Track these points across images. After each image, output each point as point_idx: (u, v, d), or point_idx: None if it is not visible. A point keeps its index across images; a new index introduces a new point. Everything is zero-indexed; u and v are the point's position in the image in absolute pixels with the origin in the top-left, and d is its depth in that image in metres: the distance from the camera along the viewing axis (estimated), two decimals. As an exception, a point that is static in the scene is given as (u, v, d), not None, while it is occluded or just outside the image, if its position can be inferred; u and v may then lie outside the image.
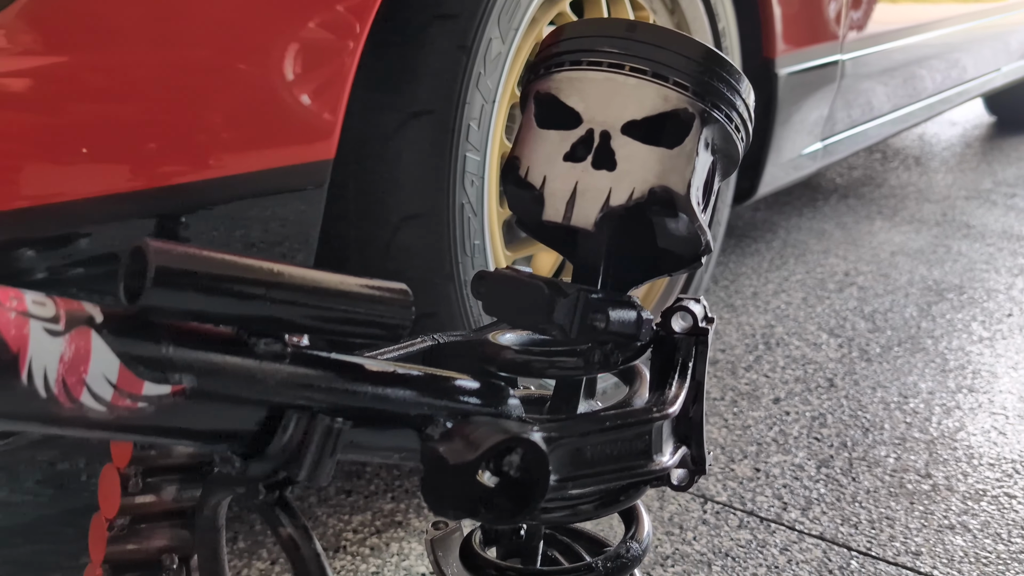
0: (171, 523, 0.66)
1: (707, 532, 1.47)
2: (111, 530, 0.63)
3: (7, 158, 1.01)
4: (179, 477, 0.65)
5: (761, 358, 2.18)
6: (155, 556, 0.66)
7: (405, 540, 1.45)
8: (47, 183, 1.03)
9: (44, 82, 1.01)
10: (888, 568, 1.37)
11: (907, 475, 1.64)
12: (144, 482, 0.63)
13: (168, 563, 0.66)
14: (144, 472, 0.63)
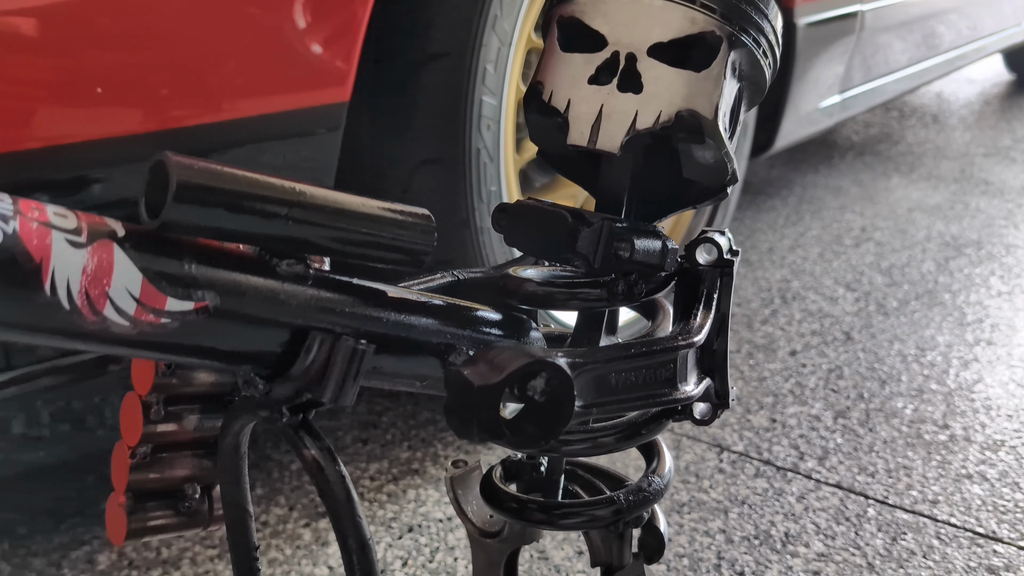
0: (193, 453, 0.66)
1: (723, 480, 1.47)
2: (133, 458, 0.63)
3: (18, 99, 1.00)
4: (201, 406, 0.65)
5: (777, 312, 2.17)
6: (177, 485, 0.66)
7: (422, 487, 1.45)
8: (60, 124, 1.02)
9: (59, 22, 1.00)
10: (905, 516, 1.37)
11: (924, 426, 1.64)
12: (166, 410, 0.63)
13: (190, 492, 0.66)
14: (166, 400, 0.62)
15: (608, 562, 0.74)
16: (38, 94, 1.01)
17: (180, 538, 1.32)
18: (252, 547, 0.65)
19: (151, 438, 0.63)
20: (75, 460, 1.55)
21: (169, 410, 0.63)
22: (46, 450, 1.56)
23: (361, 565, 0.52)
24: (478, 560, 0.89)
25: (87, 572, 1.25)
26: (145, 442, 0.62)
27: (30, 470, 1.50)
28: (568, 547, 1.30)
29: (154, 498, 0.65)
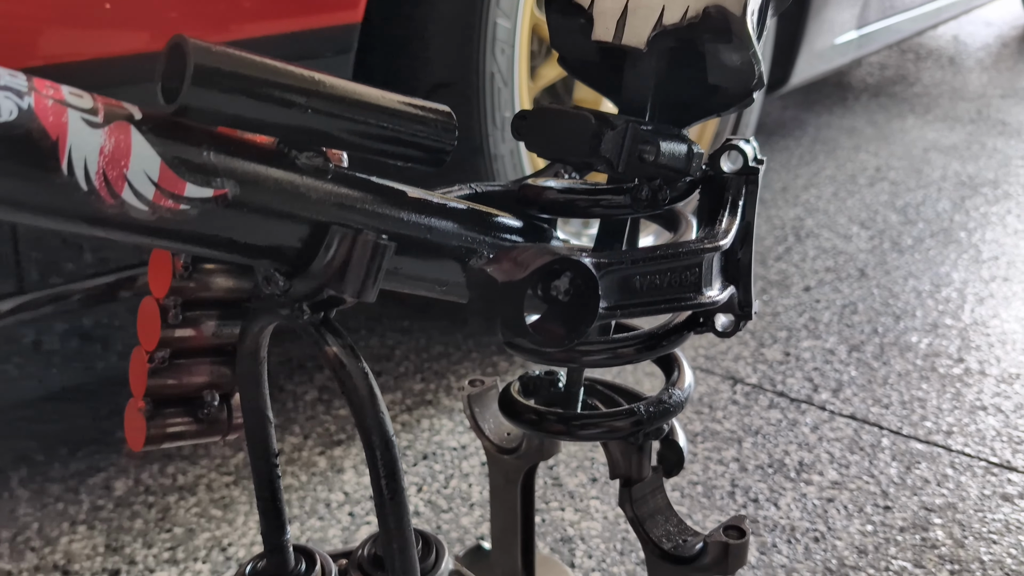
0: (212, 359, 0.65)
1: (737, 411, 1.47)
2: (151, 363, 0.62)
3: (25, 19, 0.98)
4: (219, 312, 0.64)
5: (791, 249, 2.15)
6: (196, 392, 0.65)
7: (435, 417, 1.45)
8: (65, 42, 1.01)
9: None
10: (919, 446, 1.37)
11: (939, 359, 1.63)
12: (184, 315, 0.62)
13: (209, 399, 0.65)
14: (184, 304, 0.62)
15: (627, 475, 0.73)
16: (48, 12, 1.00)
17: (196, 465, 1.33)
18: (272, 453, 0.64)
19: (169, 343, 0.62)
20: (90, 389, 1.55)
21: (187, 315, 0.62)
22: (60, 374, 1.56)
23: (385, 462, 0.52)
24: (495, 478, 0.90)
25: (104, 498, 1.26)
26: (163, 347, 0.62)
27: (45, 397, 1.50)
28: (582, 474, 1.30)
29: (173, 405, 0.64)
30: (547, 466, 1.32)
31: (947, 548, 1.14)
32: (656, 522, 0.74)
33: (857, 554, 1.13)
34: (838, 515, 1.20)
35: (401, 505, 0.53)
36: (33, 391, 1.53)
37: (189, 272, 0.60)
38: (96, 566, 1.13)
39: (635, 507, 0.73)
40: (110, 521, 1.21)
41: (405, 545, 0.53)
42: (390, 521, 0.52)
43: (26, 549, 1.16)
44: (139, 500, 1.25)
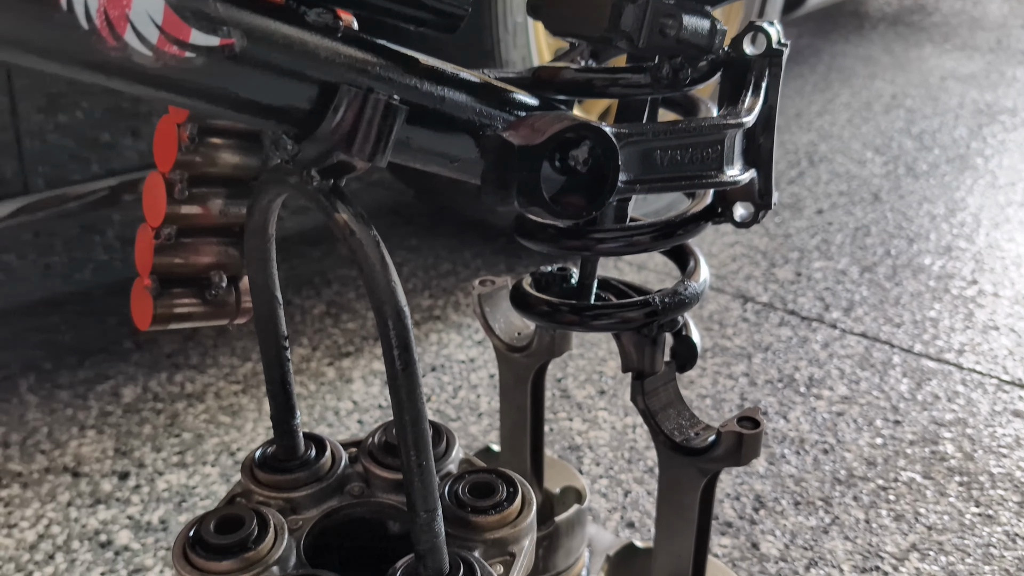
0: (220, 239, 0.64)
1: (747, 329, 1.46)
2: (157, 239, 0.61)
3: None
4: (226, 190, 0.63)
5: (804, 173, 2.12)
6: (203, 272, 0.64)
7: (444, 332, 1.45)
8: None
9: None
10: (930, 363, 1.36)
11: (953, 281, 1.61)
12: (190, 191, 0.60)
13: (217, 280, 0.64)
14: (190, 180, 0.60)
15: (640, 368, 0.72)
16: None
17: (204, 374, 1.32)
18: (281, 335, 0.63)
19: (175, 219, 0.61)
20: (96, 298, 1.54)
21: (193, 191, 0.61)
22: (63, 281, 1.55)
23: (397, 332, 0.51)
24: (505, 377, 0.89)
25: (112, 404, 1.26)
26: (169, 223, 0.60)
27: (52, 306, 1.50)
28: (590, 387, 1.30)
29: (180, 285, 0.63)
30: (555, 378, 1.32)
31: (956, 461, 1.14)
32: (668, 415, 0.73)
33: (866, 465, 1.13)
34: (847, 428, 1.20)
35: (413, 377, 0.51)
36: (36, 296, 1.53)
37: (195, 144, 0.58)
38: (105, 468, 1.13)
39: (647, 400, 0.72)
40: (119, 426, 1.21)
41: (418, 417, 0.52)
42: (402, 393, 0.51)
43: (36, 452, 1.16)
44: (147, 407, 1.26)
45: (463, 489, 0.64)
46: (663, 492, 0.75)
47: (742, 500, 1.07)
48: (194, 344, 1.40)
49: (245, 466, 0.67)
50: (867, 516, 1.04)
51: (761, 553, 0.99)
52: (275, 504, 0.65)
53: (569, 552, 0.92)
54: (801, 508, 1.05)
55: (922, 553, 0.99)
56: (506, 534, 0.62)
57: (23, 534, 1.02)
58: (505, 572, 0.60)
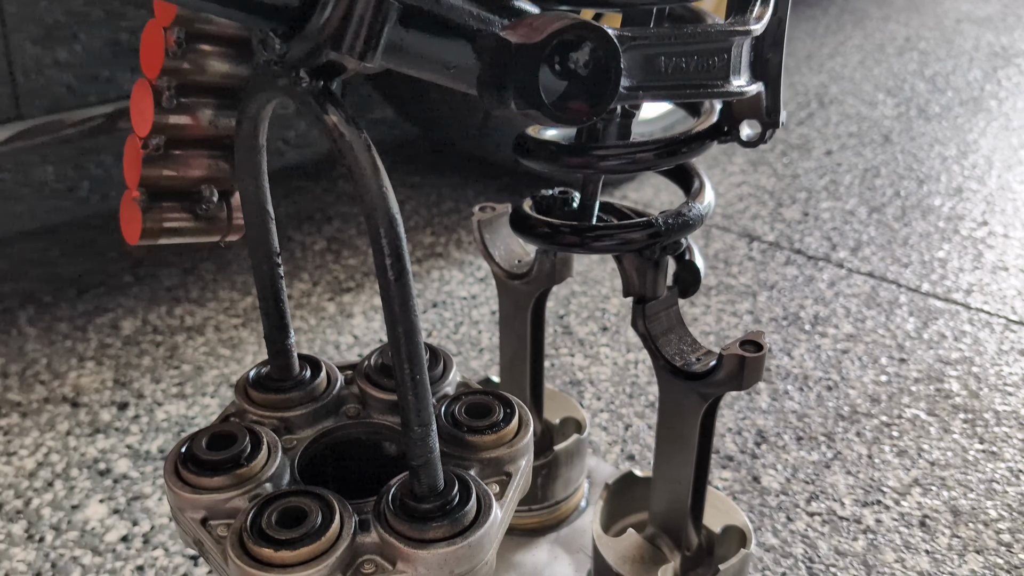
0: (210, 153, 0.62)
1: (753, 267, 1.44)
2: (145, 149, 0.59)
3: None
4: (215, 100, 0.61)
5: (814, 115, 2.08)
6: (194, 185, 0.62)
7: (445, 269, 1.43)
8: None
9: None
10: (937, 303, 1.34)
11: (962, 222, 1.59)
12: (178, 100, 0.58)
13: (208, 195, 0.62)
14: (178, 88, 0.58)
15: (641, 292, 0.71)
16: None
17: (204, 308, 1.31)
18: (273, 251, 0.62)
19: (163, 129, 0.59)
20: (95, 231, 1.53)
21: (181, 101, 0.59)
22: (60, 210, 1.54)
23: (389, 240, 0.49)
24: (505, 306, 0.87)
25: (112, 336, 1.25)
26: (157, 133, 0.59)
27: (51, 240, 1.48)
28: (592, 324, 1.29)
29: (169, 198, 0.61)
30: (557, 315, 1.31)
31: (961, 399, 1.13)
32: (669, 340, 0.72)
33: (870, 402, 1.12)
34: (852, 366, 1.19)
35: (406, 287, 0.50)
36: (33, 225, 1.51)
37: (183, 50, 0.56)
38: (104, 399, 1.13)
39: (648, 324, 0.70)
40: (118, 358, 1.21)
41: (411, 330, 0.51)
42: (395, 304, 0.50)
43: (35, 382, 1.16)
44: (147, 339, 1.25)
45: (459, 410, 0.63)
46: (663, 419, 0.74)
47: (744, 435, 1.06)
48: (194, 278, 1.39)
49: (239, 386, 0.66)
50: (870, 451, 1.03)
51: (762, 486, 0.98)
52: (269, 423, 0.64)
53: (568, 482, 0.91)
54: (803, 443, 1.05)
55: (924, 488, 0.98)
56: (502, 454, 0.61)
57: (22, 462, 1.02)
58: (501, 492, 0.59)
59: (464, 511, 0.54)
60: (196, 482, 0.57)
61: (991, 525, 0.93)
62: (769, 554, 0.89)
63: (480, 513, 0.55)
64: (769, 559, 0.88)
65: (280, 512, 0.54)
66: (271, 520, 0.53)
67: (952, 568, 0.87)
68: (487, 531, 0.55)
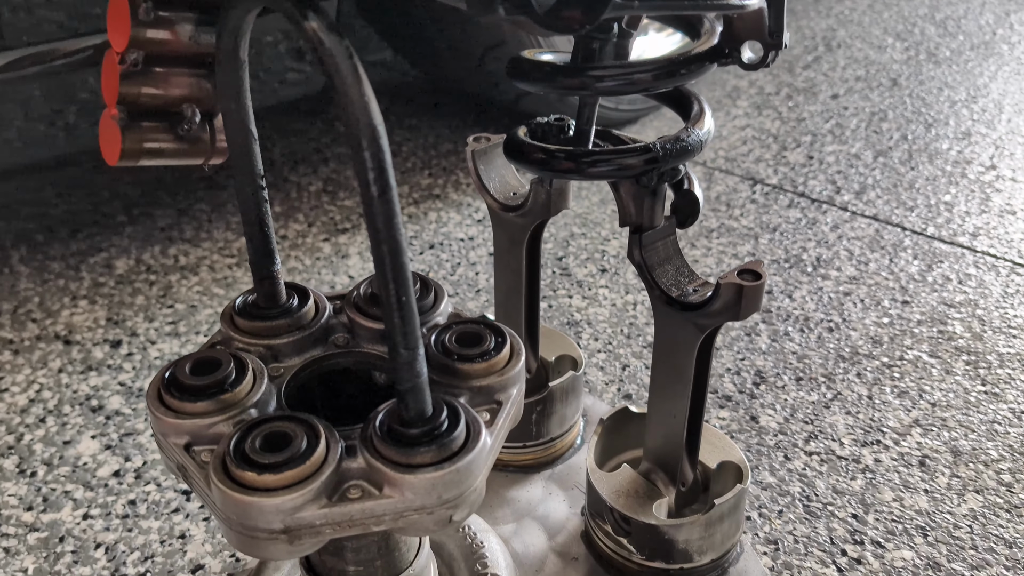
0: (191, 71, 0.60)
1: (755, 210, 1.42)
2: (123, 64, 0.57)
3: None
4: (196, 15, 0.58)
5: (820, 58, 2.04)
6: (174, 104, 0.60)
7: (443, 210, 1.41)
8: None
9: None
10: (942, 246, 1.32)
11: (970, 166, 1.56)
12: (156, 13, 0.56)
13: (190, 115, 0.60)
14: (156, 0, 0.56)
15: (638, 222, 0.69)
16: None
17: (198, 247, 1.30)
18: (257, 173, 0.60)
19: (141, 44, 0.57)
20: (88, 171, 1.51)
21: (160, 14, 0.56)
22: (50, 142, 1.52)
23: (372, 153, 0.47)
24: (500, 240, 0.86)
25: (105, 275, 1.24)
26: (134, 47, 0.56)
27: (43, 180, 1.47)
28: (591, 265, 1.27)
29: (150, 118, 0.59)
30: (556, 257, 1.29)
31: (964, 341, 1.11)
32: (665, 271, 0.70)
33: (871, 344, 1.10)
34: (854, 308, 1.17)
35: (391, 204, 0.48)
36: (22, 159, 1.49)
37: (159, -42, 0.54)
38: (97, 337, 1.12)
39: (644, 254, 0.69)
40: (111, 297, 1.19)
41: (397, 249, 0.49)
42: (379, 221, 0.48)
43: (27, 320, 1.15)
44: (140, 278, 1.23)
45: (450, 338, 0.62)
46: (659, 352, 0.72)
47: (742, 375, 1.05)
48: (188, 218, 1.37)
49: (225, 313, 0.65)
50: (870, 392, 1.02)
51: (760, 426, 0.97)
52: (255, 351, 0.63)
53: (563, 420, 0.90)
54: (803, 384, 1.03)
55: (924, 428, 0.97)
56: (493, 382, 0.60)
57: (14, 398, 1.01)
58: (491, 419, 0.58)
59: (452, 437, 0.53)
60: (179, 407, 0.56)
61: (991, 465, 0.92)
62: (766, 492, 0.88)
63: (469, 439, 0.54)
64: (766, 497, 0.88)
65: (264, 436, 0.53)
66: (255, 444, 0.52)
67: (951, 507, 0.87)
68: (476, 457, 0.53)
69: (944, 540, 0.83)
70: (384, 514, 0.53)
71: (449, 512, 0.54)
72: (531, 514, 0.85)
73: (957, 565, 0.80)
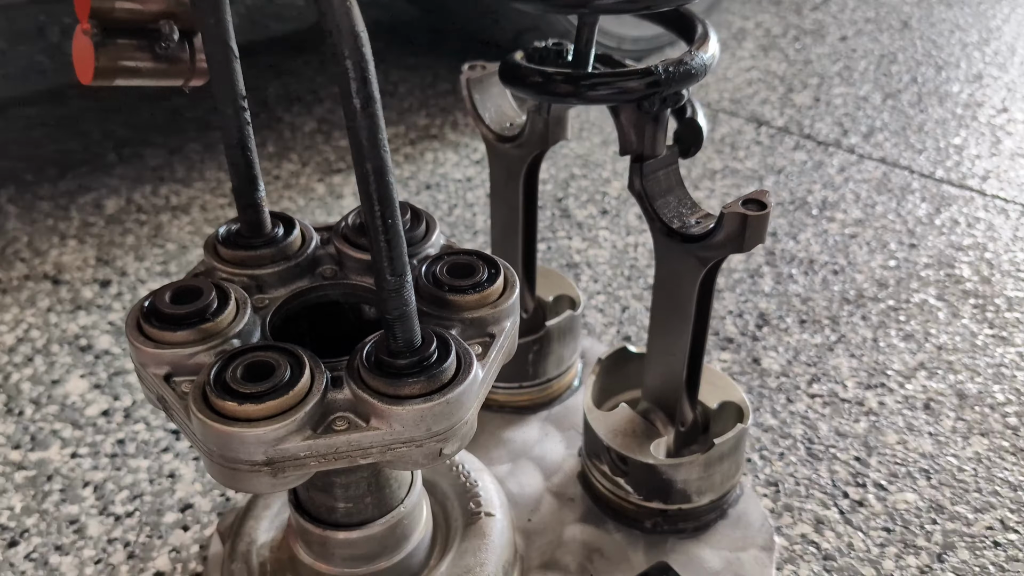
0: (168, -15, 0.57)
1: (760, 152, 1.38)
2: (95, -26, 0.54)
3: None
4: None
5: (829, 0, 1.99)
6: (151, 20, 0.57)
7: (440, 151, 1.38)
8: None
9: None
10: (951, 189, 1.29)
11: (981, 109, 1.52)
12: (129, -80, 0.53)
13: (167, 31, 0.57)
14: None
15: (639, 150, 0.66)
16: None
17: (190, 188, 1.27)
18: (239, 94, 0.57)
19: (115, -45, 0.53)
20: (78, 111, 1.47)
21: (133, -80, 0.53)
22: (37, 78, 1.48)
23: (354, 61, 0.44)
24: (496, 173, 0.83)
25: (94, 215, 1.21)
26: (107, -42, 0.53)
27: (32, 121, 1.43)
28: (592, 207, 1.24)
29: (126, 35, 0.56)
30: (555, 198, 1.26)
31: (972, 284, 1.09)
32: (667, 202, 0.67)
33: (877, 287, 1.08)
34: (860, 251, 1.15)
35: (375, 118, 0.45)
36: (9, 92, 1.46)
37: None
38: (87, 276, 1.09)
39: (645, 183, 0.66)
40: (101, 237, 1.17)
41: (382, 167, 0.46)
42: (362, 136, 0.45)
43: (16, 260, 1.12)
44: (131, 218, 1.21)
45: (441, 269, 0.60)
46: (659, 287, 0.70)
47: (745, 317, 1.02)
48: (180, 158, 1.34)
49: (208, 243, 0.62)
50: (875, 335, 1.00)
51: (762, 368, 0.95)
52: (239, 281, 0.60)
53: (561, 360, 0.88)
54: (806, 326, 1.01)
55: (930, 372, 0.95)
56: (485, 314, 0.57)
57: (2, 338, 1.00)
58: (483, 353, 0.56)
59: (442, 368, 0.51)
60: (158, 337, 0.54)
61: (997, 409, 0.90)
62: (767, 434, 0.86)
63: (460, 371, 0.52)
64: (767, 439, 0.86)
65: (246, 366, 0.51)
66: (236, 374, 0.50)
67: (956, 450, 0.85)
68: (466, 389, 0.51)
69: (948, 483, 0.81)
70: (371, 446, 0.51)
71: (439, 445, 0.52)
72: (527, 455, 0.83)
73: (961, 508, 0.79)
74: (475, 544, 0.67)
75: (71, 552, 0.74)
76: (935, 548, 0.75)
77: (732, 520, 0.76)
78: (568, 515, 0.77)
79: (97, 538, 0.76)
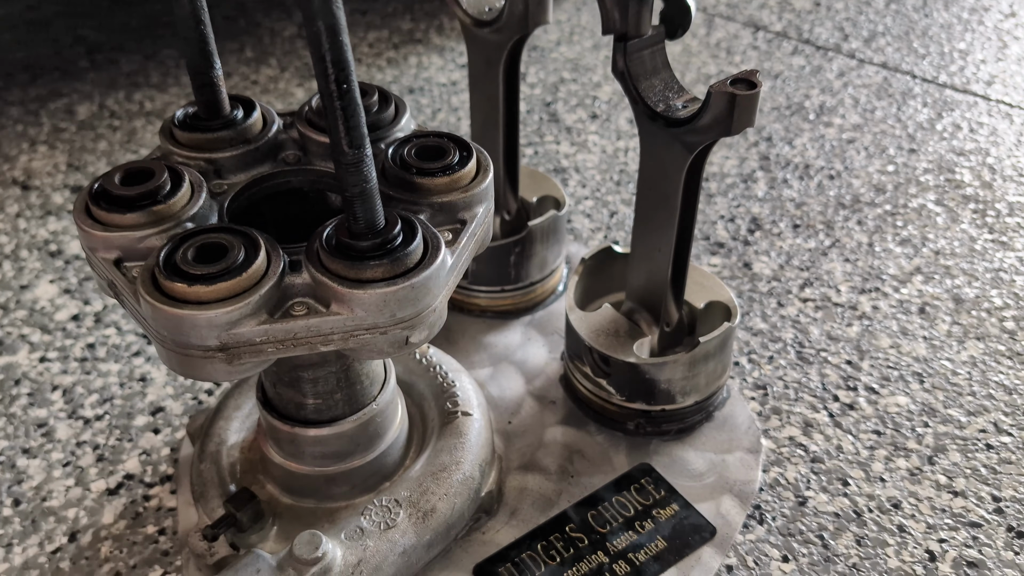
0: None
1: (756, 57, 1.33)
2: None
3: None
4: None
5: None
6: None
7: (424, 55, 1.33)
8: None
9: None
10: (955, 94, 1.24)
11: (989, 13, 1.47)
12: None
13: None
14: None
15: (623, 29, 0.62)
16: None
17: (165, 93, 1.22)
18: None
19: None
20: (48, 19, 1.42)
21: None
22: None
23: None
24: (475, 62, 0.79)
25: (66, 121, 1.17)
26: None
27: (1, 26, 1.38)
28: (582, 111, 1.20)
29: None
30: (544, 102, 1.22)
31: (972, 189, 1.05)
32: (652, 85, 0.63)
33: (874, 192, 1.04)
34: (857, 156, 1.11)
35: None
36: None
37: None
38: (57, 182, 1.06)
39: (628, 63, 0.62)
40: (72, 142, 1.13)
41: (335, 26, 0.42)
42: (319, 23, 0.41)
43: (-17, 166, 1.09)
44: (103, 124, 1.17)
45: (409, 152, 0.56)
46: (643, 178, 0.67)
47: (737, 222, 0.99)
48: (155, 63, 1.29)
49: (164, 127, 0.59)
50: (871, 240, 0.97)
51: (753, 272, 0.92)
52: (195, 165, 0.57)
53: (544, 263, 0.85)
54: (800, 231, 0.98)
55: (926, 276, 0.92)
56: (456, 198, 0.54)
57: (-31, 244, 0.96)
58: (453, 240, 0.53)
59: (407, 251, 0.48)
60: (108, 219, 0.51)
61: (994, 313, 0.87)
62: (756, 338, 0.84)
63: (427, 255, 0.49)
64: (756, 343, 0.83)
65: (198, 247, 0.48)
66: (187, 255, 0.47)
67: (950, 354, 0.83)
68: (433, 274, 0.48)
69: (941, 386, 0.79)
70: (332, 332, 0.48)
71: (405, 333, 0.49)
72: (508, 359, 0.81)
73: (953, 411, 0.77)
74: (451, 443, 0.65)
75: (39, 455, 0.72)
76: (926, 451, 0.73)
77: (718, 422, 0.74)
78: (549, 417, 0.74)
79: (66, 441, 0.74)
